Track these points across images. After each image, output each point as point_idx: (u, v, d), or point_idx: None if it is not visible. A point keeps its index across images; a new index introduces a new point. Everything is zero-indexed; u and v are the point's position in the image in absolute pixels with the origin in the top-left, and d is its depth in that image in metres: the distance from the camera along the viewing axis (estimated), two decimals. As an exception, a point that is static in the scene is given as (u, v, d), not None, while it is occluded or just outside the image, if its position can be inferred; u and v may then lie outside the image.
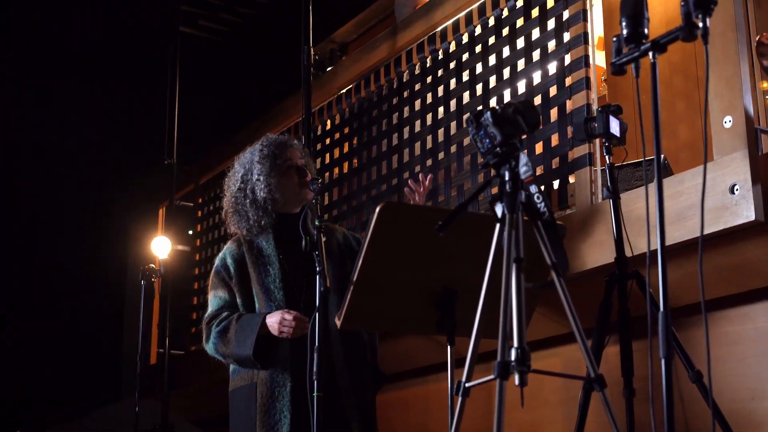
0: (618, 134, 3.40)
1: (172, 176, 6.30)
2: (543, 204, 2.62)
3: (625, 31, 2.58)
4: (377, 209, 3.03)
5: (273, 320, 3.48)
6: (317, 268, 3.27)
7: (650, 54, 2.50)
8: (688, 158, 4.03)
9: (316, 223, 3.42)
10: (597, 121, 3.30)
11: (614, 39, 2.62)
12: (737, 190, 3.32)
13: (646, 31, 2.57)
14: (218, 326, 3.62)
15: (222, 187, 3.90)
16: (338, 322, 3.17)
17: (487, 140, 2.70)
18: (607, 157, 3.32)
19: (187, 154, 6.69)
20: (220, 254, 3.83)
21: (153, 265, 5.33)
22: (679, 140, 4.65)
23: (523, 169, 2.64)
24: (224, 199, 3.89)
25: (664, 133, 4.74)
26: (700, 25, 2.45)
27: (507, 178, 2.66)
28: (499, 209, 2.64)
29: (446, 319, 3.17)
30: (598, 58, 5.55)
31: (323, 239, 3.39)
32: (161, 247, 5.70)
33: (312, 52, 5.04)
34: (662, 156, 4.16)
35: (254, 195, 3.77)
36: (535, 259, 2.74)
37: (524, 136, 2.80)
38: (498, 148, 2.68)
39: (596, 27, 5.66)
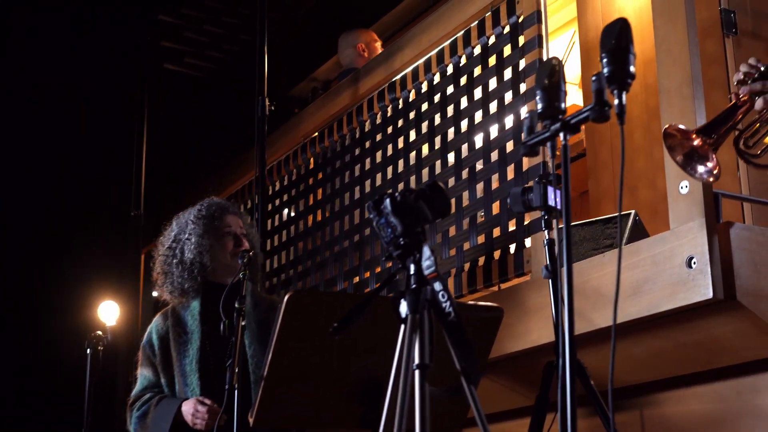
0: (558, 205, 3.09)
1: (139, 228, 6.05)
2: (448, 303, 2.33)
3: (539, 105, 2.29)
4: (285, 298, 2.76)
5: (187, 409, 3.25)
6: (231, 359, 3.00)
7: (561, 135, 2.21)
8: (648, 220, 3.72)
9: (236, 305, 3.14)
10: (534, 192, 2.99)
11: (527, 114, 2.33)
12: (695, 263, 3.01)
13: (562, 105, 2.28)
14: (138, 410, 3.41)
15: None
16: (251, 420, 2.89)
17: (389, 230, 2.41)
18: (545, 232, 3.01)
19: (156, 204, 6.45)
20: (148, 328, 3.59)
21: (100, 332, 5.08)
22: (639, 200, 4.35)
23: (426, 264, 2.34)
24: (155, 259, 3.65)
25: (637, 185, 4.44)
26: (615, 102, 2.16)
27: (411, 272, 2.37)
28: (402, 308, 2.35)
29: (371, 414, 2.88)
30: (577, 98, 5.26)
31: (242, 323, 3.12)
32: (109, 312, 5.45)
33: (268, 103, 4.76)
34: (634, 212, 3.88)
35: (182, 255, 3.53)
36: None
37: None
38: (400, 239, 2.39)
39: (574, 66, 5.41)
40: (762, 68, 2.97)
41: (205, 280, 3.55)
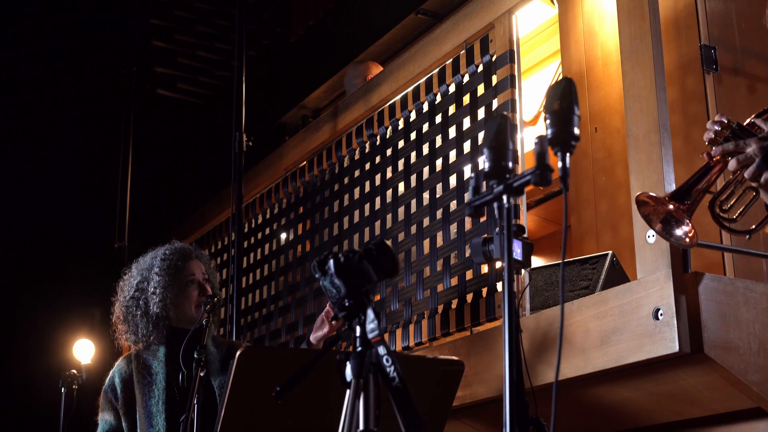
0: (520, 258, 3.02)
1: (123, 260, 6.00)
2: (393, 368, 2.26)
3: (486, 165, 2.23)
4: (237, 354, 2.70)
5: None
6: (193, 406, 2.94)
7: (504, 198, 2.15)
8: (630, 258, 3.65)
9: (195, 355, 3.08)
10: (495, 243, 2.92)
11: (472, 175, 2.27)
12: (661, 315, 2.94)
13: (510, 164, 2.22)
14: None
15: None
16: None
17: (334, 290, 2.35)
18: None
19: (141, 235, 6.39)
20: (110, 372, 3.54)
21: (74, 371, 5.01)
22: (621, 238, 4.28)
23: (369, 327, 2.28)
24: (115, 304, 3.59)
25: (619, 223, 4.37)
26: (560, 164, 2.09)
27: (357, 334, 2.31)
28: (347, 372, 2.29)
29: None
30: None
31: (201, 374, 3.06)
32: (84, 350, 5.39)
33: (245, 139, 4.70)
34: (611, 254, 3.82)
35: (147, 308, 3.48)
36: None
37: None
38: (345, 301, 2.32)
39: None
40: (734, 126, 2.89)
41: (170, 328, 3.50)
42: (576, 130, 2.09)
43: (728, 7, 4.29)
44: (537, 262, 5.43)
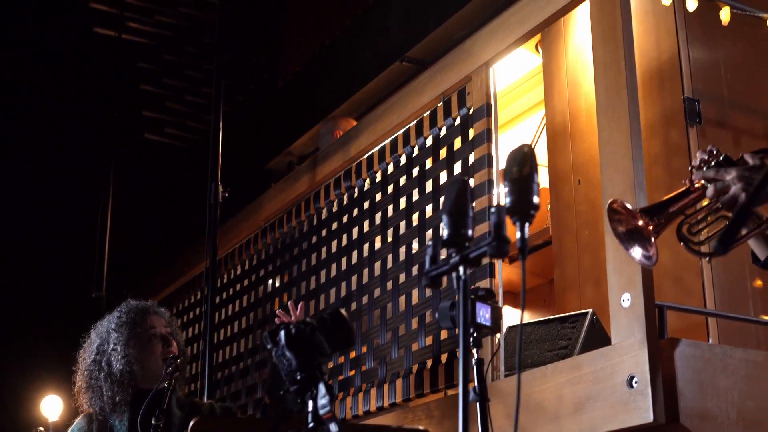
0: (488, 323, 2.91)
1: (100, 311, 5.88)
2: (344, 447, 2.15)
3: (444, 232, 2.13)
4: (190, 425, 2.59)
5: None
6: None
7: (460, 269, 2.05)
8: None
9: (152, 421, 2.97)
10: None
11: (430, 243, 2.17)
12: (636, 383, 2.84)
13: (469, 232, 2.12)
14: None
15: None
16: None
17: (287, 363, 2.24)
18: (474, 351, 2.83)
19: (119, 285, 6.27)
20: (69, 430, 3.41)
21: (41, 429, 4.88)
22: (603, 293, 4.18)
23: (321, 403, 2.17)
24: (76, 374, 3.47)
25: (601, 277, 4.27)
26: (518, 235, 2.00)
27: (309, 409, 2.20)
28: (298, 448, 2.18)
29: None
30: (543, 182, 5.10)
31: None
32: (52, 407, 5.26)
33: (221, 189, 4.60)
34: (591, 312, 3.71)
35: (110, 368, 3.35)
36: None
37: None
38: (296, 374, 2.22)
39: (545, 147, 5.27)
40: (721, 157, 2.81)
41: (136, 389, 3.38)
42: (535, 199, 1.99)
43: (713, 59, 4.22)
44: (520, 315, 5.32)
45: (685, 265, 3.83)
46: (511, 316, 5.32)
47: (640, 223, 2.76)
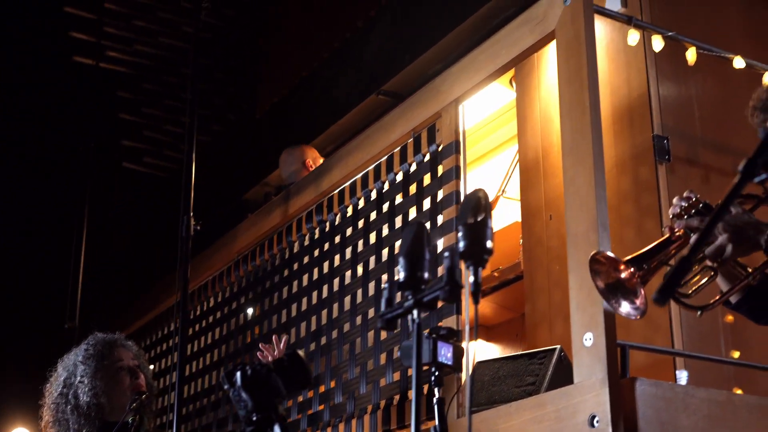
0: (450, 362, 2.91)
1: (72, 342, 5.84)
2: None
3: (401, 275, 2.14)
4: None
5: None
6: None
7: (414, 312, 2.06)
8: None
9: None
10: (424, 347, 2.82)
11: (386, 284, 2.18)
12: (597, 422, 2.84)
13: (425, 275, 2.13)
14: None
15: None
16: None
17: (242, 404, 2.25)
18: (436, 389, 2.84)
19: (92, 316, 6.25)
20: None
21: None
22: (556, 335, 4.21)
23: (276, 445, 2.18)
24: (42, 409, 3.46)
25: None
26: (471, 279, 2.01)
27: (266, 451, 2.21)
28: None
29: None
30: (516, 217, 5.12)
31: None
32: (20, 440, 5.24)
33: (193, 222, 4.58)
34: (559, 348, 3.72)
35: (77, 400, 3.35)
36: None
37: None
38: (252, 416, 2.22)
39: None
40: (701, 205, 2.83)
41: (103, 421, 3.37)
42: (489, 244, 2.01)
43: (683, 97, 4.26)
44: (493, 349, 5.33)
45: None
46: (485, 350, 5.34)
47: (624, 274, 2.77)
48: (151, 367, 5.81)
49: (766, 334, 3.69)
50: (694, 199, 2.82)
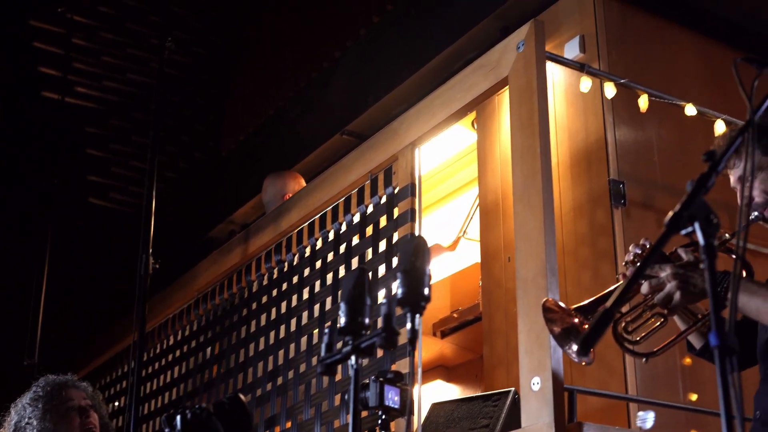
0: (397, 405, 2.93)
1: (31, 378, 5.79)
2: None
3: (342, 320, 2.16)
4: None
5: None
6: None
7: (352, 358, 2.07)
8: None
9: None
10: (370, 390, 2.83)
11: (327, 329, 2.20)
12: (544, 468, 2.85)
13: (366, 320, 2.15)
14: None
15: None
16: None
17: (183, 447, 2.24)
18: (378, 434, 2.85)
19: (53, 353, 6.21)
20: None
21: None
22: (514, 377, 4.22)
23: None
24: None
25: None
26: (408, 326, 2.03)
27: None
28: None
29: None
30: (476, 258, 5.14)
31: None
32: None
33: (152, 261, 4.57)
34: (513, 390, 3.73)
35: None
36: None
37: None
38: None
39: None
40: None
41: None
42: (426, 291, 2.03)
43: (639, 141, 4.32)
44: (452, 390, 5.33)
45: (608, 343, 3.87)
46: (443, 391, 5.34)
47: (576, 320, 2.79)
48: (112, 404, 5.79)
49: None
50: (648, 246, 2.85)
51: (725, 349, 1.52)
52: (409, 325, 2.00)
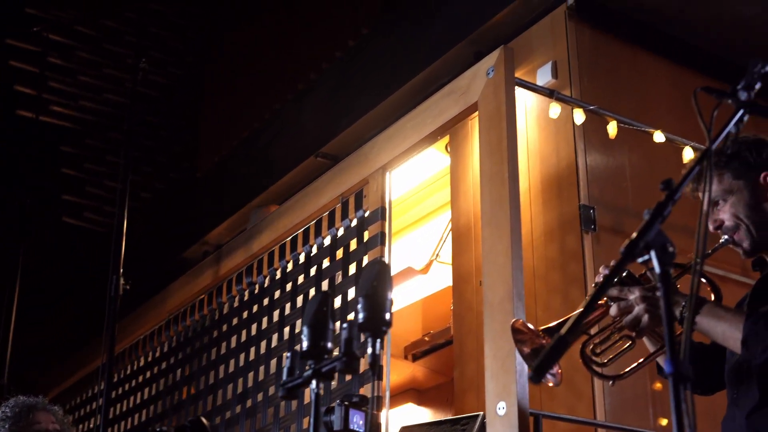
0: (361, 429, 2.92)
1: (2, 398, 5.74)
2: None
3: (304, 344, 2.16)
4: None
5: None
6: None
7: (313, 382, 2.07)
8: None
9: None
10: (335, 414, 2.83)
11: (290, 353, 2.19)
12: (508, 493, 2.85)
13: (329, 345, 2.15)
14: None
15: None
16: None
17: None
18: (347, 458, 2.84)
19: (21, 373, 6.16)
20: None
21: None
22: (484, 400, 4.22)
23: None
24: None
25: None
26: (369, 350, 2.03)
27: None
28: None
29: None
30: (448, 281, 5.15)
31: None
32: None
33: (122, 282, 4.55)
34: (482, 415, 3.73)
35: None
36: None
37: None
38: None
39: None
40: (624, 274, 2.87)
41: None
42: (387, 316, 2.03)
43: (609, 167, 4.34)
44: (423, 413, 5.33)
45: (577, 367, 3.88)
46: (414, 414, 5.33)
47: (544, 341, 2.79)
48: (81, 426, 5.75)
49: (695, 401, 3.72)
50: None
51: (679, 376, 1.52)
52: (370, 350, 1.99)
